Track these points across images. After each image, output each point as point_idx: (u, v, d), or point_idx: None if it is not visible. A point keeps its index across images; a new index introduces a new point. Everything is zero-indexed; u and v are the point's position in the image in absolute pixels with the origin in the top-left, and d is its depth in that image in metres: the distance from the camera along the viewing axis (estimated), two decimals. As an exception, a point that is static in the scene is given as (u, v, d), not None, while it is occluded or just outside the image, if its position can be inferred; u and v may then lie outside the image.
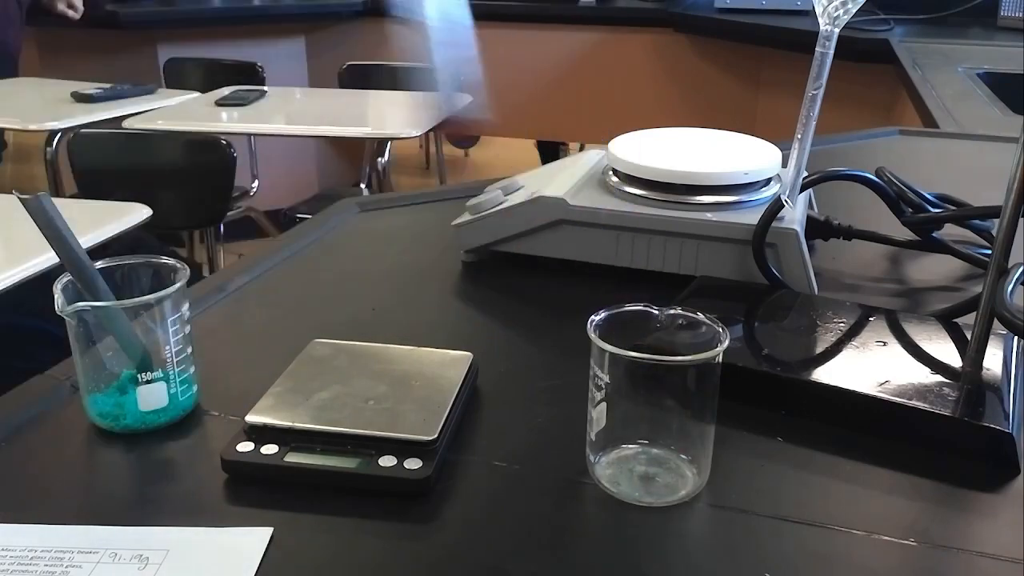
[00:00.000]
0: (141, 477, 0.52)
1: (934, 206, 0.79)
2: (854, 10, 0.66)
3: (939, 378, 0.55)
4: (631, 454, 0.50)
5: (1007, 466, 0.50)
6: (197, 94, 2.61)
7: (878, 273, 0.79)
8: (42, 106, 2.43)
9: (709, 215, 0.71)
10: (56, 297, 0.52)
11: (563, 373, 0.60)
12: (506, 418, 0.56)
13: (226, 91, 2.58)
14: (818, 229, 0.76)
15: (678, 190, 0.73)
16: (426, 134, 3.39)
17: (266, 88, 2.67)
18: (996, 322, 0.54)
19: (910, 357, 0.59)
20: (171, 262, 0.57)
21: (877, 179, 0.78)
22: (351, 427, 0.50)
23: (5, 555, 0.44)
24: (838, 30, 0.66)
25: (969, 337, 0.56)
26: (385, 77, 3.00)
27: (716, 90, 3.10)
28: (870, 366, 0.57)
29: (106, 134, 2.25)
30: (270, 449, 0.49)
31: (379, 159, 2.65)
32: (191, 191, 2.30)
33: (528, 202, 0.74)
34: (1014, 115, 1.50)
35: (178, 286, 0.54)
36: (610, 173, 0.78)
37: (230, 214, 2.60)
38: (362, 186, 3.32)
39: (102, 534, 0.45)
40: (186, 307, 0.55)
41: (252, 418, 0.51)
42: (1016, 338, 0.59)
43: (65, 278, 0.53)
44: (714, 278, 0.70)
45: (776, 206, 0.69)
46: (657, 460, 0.50)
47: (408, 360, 0.58)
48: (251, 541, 0.45)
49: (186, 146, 2.22)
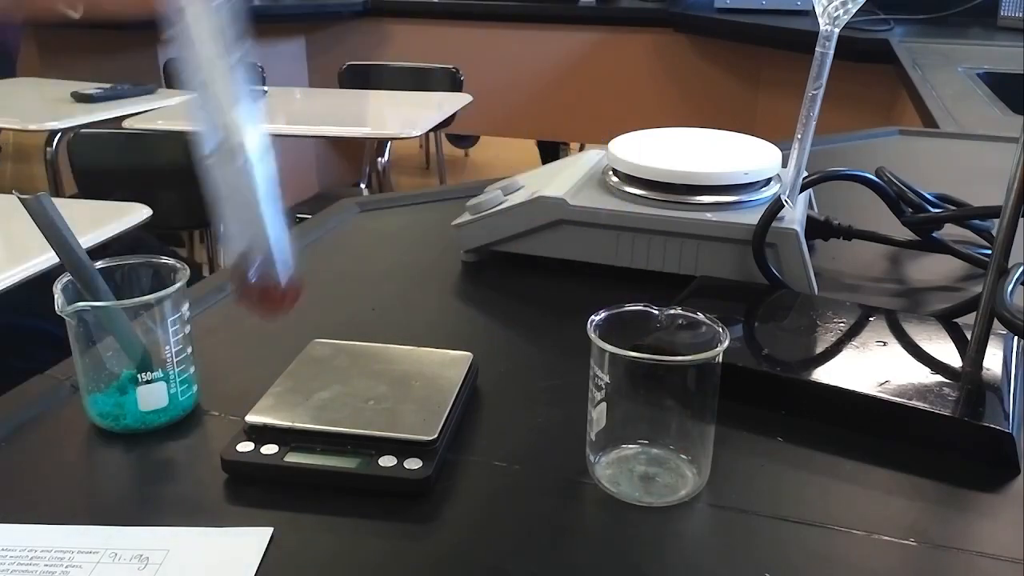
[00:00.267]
0: (141, 477, 0.52)
1: (934, 206, 0.79)
2: (854, 10, 0.66)
3: (939, 378, 0.55)
4: (631, 454, 0.50)
5: (1007, 466, 0.50)
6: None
7: (878, 273, 0.79)
8: (42, 106, 2.43)
9: (709, 215, 0.71)
10: (56, 297, 0.52)
11: (563, 373, 0.60)
12: (506, 418, 0.56)
13: (226, 91, 2.57)
14: (818, 229, 0.76)
15: (678, 190, 0.73)
16: (426, 134, 3.39)
17: (266, 88, 2.66)
18: (996, 322, 0.54)
19: (910, 357, 0.59)
20: (171, 262, 0.57)
21: (877, 179, 0.78)
22: (351, 427, 0.50)
23: (5, 555, 0.44)
24: (838, 30, 0.66)
25: (969, 337, 0.56)
26: (385, 77, 3.00)
27: (716, 90, 3.10)
28: (870, 366, 0.57)
29: (106, 134, 2.24)
30: (270, 449, 0.49)
31: (379, 159, 2.65)
32: (191, 191, 2.28)
33: (528, 202, 0.74)
34: (1014, 115, 1.50)
35: (178, 286, 0.54)
36: (610, 173, 0.78)
37: (230, 214, 2.59)
38: (362, 186, 3.32)
39: (102, 534, 0.45)
40: (186, 307, 0.55)
41: (252, 418, 0.51)
42: (1016, 338, 0.59)
43: (65, 278, 0.53)
44: (714, 278, 0.70)
45: (776, 206, 0.69)
46: (657, 460, 0.50)
47: (408, 360, 0.58)
48: (251, 541, 0.45)
49: (186, 146, 2.21)
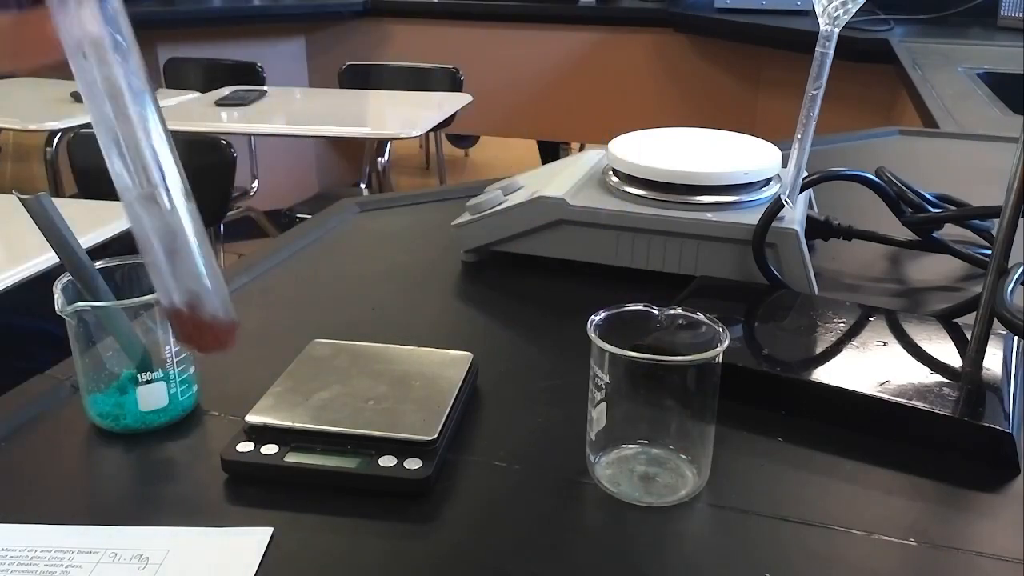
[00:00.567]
0: (141, 477, 0.52)
1: (934, 206, 0.79)
2: (854, 10, 0.66)
3: (939, 378, 0.55)
4: (631, 454, 0.50)
5: (1007, 466, 0.50)
6: (197, 94, 2.61)
7: (878, 273, 0.79)
8: (42, 106, 2.43)
9: (709, 215, 0.71)
10: (56, 297, 0.52)
11: (563, 373, 0.60)
12: (506, 418, 0.56)
13: (226, 91, 2.58)
14: (818, 229, 0.76)
15: (678, 190, 0.73)
16: (426, 134, 3.39)
17: (266, 88, 2.67)
18: (996, 322, 0.54)
19: (910, 357, 0.59)
20: (171, 262, 0.56)
21: (877, 179, 0.78)
22: (351, 427, 0.50)
23: (5, 555, 0.44)
24: (838, 30, 0.66)
25: (969, 337, 0.56)
26: (385, 77, 3.00)
27: (716, 90, 3.10)
28: (870, 366, 0.57)
29: (106, 134, 2.24)
30: (270, 449, 0.49)
31: (379, 159, 2.65)
32: (191, 191, 2.29)
33: (528, 202, 0.74)
34: (1014, 115, 1.50)
35: (178, 286, 0.54)
36: (610, 173, 0.78)
37: (230, 214, 2.60)
38: (362, 186, 3.32)
39: (102, 534, 0.45)
40: (186, 307, 0.55)
41: (252, 418, 0.51)
42: (1016, 338, 0.59)
43: (65, 278, 0.53)
44: (714, 278, 0.70)
45: (776, 206, 0.69)
46: (657, 460, 0.50)
47: (408, 360, 0.58)
48: (251, 541, 0.45)
49: (186, 146, 2.22)
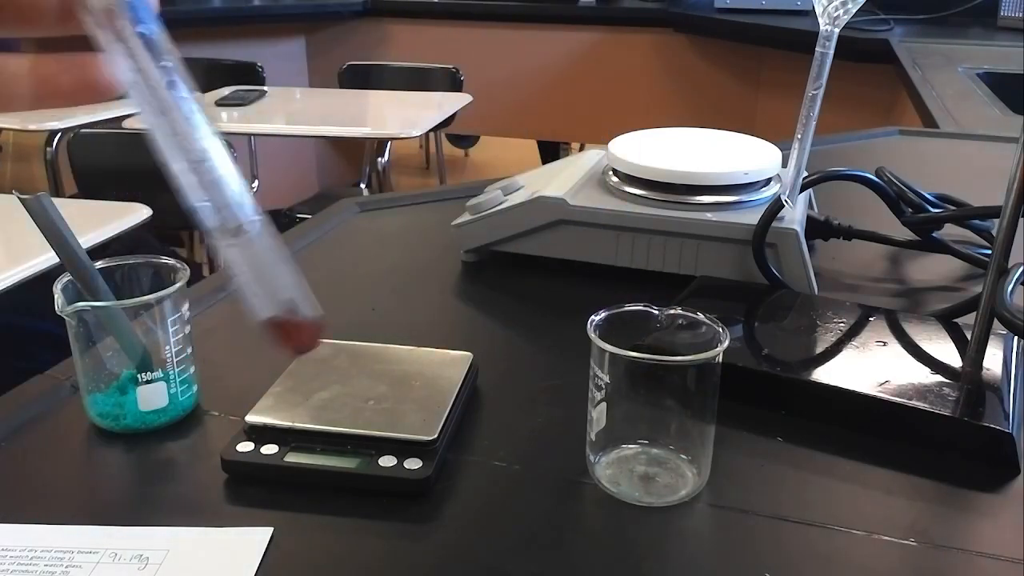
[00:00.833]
0: (141, 477, 0.52)
1: (934, 206, 0.79)
2: (854, 10, 0.66)
3: (939, 378, 0.55)
4: (631, 454, 0.50)
5: (1007, 466, 0.50)
6: (197, 94, 2.60)
7: (878, 273, 0.79)
8: (42, 106, 2.43)
9: (709, 215, 0.71)
10: (56, 297, 0.52)
11: (563, 373, 0.60)
12: (506, 418, 0.56)
13: (226, 91, 2.58)
14: (818, 229, 0.76)
15: (678, 190, 0.73)
16: (426, 134, 3.39)
17: (266, 88, 2.67)
18: (996, 322, 0.54)
19: (910, 357, 0.59)
20: (171, 262, 0.57)
21: (877, 179, 0.78)
22: (351, 427, 0.50)
23: (5, 555, 0.44)
24: (838, 30, 0.66)
25: (969, 337, 0.56)
26: (385, 77, 3.00)
27: (716, 90, 3.10)
28: (870, 366, 0.57)
29: (106, 134, 2.24)
30: (270, 449, 0.49)
31: (379, 159, 2.66)
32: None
33: (528, 202, 0.74)
34: (1014, 115, 1.50)
35: (178, 286, 0.54)
36: (610, 173, 0.78)
37: (230, 214, 2.59)
38: (362, 186, 3.32)
39: (102, 534, 0.45)
40: (186, 307, 0.55)
41: (252, 418, 0.51)
42: (1016, 338, 0.59)
43: (65, 278, 0.53)
44: (714, 278, 0.70)
45: (776, 206, 0.69)
46: (657, 460, 0.50)
47: (408, 360, 0.58)
48: (251, 541, 0.45)
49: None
